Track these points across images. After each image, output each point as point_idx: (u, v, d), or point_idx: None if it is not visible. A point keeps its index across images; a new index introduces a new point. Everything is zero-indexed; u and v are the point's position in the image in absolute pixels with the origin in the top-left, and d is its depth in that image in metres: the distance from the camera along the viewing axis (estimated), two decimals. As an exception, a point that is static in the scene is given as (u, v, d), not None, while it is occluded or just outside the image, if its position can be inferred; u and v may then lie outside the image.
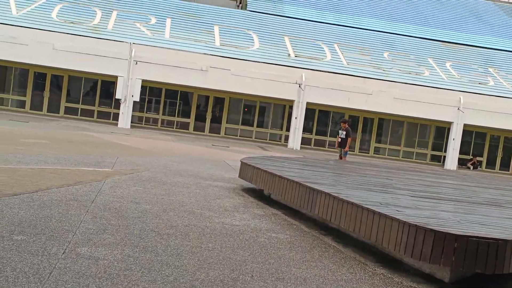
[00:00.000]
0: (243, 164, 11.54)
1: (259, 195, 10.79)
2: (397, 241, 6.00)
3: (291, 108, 29.58)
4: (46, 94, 29.61)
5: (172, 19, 31.51)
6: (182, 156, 16.42)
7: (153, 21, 30.90)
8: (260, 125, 31.69)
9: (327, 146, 31.69)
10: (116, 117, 28.74)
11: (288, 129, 30.21)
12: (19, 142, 14.38)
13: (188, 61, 27.65)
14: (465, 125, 29.85)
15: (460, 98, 29.33)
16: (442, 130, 32.40)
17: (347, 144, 18.49)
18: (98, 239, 5.82)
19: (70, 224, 6.31)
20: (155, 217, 7.30)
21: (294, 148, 28.47)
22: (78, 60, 26.92)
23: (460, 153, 30.74)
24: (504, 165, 32.98)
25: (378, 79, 29.46)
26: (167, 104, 31.13)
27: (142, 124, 30.43)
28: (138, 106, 29.92)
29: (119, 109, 28.01)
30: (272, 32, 32.56)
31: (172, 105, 31.26)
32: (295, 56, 30.25)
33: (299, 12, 36.60)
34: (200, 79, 27.85)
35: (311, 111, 30.87)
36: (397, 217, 6.11)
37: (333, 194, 7.50)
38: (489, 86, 31.55)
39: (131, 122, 28.26)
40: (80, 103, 30.10)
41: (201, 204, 8.83)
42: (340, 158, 19.01)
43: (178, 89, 30.47)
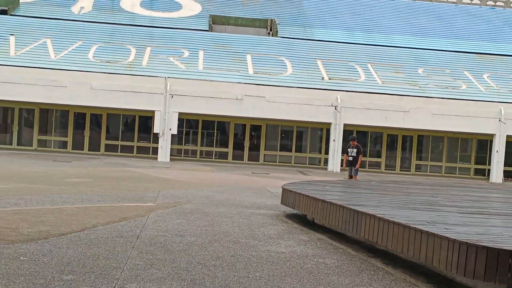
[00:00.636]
0: (284, 190, 11.50)
1: (302, 220, 10.71)
2: (448, 260, 5.85)
3: (328, 130, 29.48)
4: (87, 133, 30.22)
5: (205, 51, 31.93)
6: (223, 186, 16.47)
7: (186, 54, 31.37)
8: (299, 149, 31.62)
9: (367, 167, 31.37)
10: (155, 151, 29.09)
11: (326, 152, 30.06)
12: (63, 182, 14.66)
13: (223, 91, 27.90)
14: (508, 136, 29.20)
15: (500, 109, 28.77)
16: (484, 142, 31.78)
17: (358, 162, 18.04)
18: (146, 275, 5.84)
19: (117, 261, 6.35)
20: (200, 249, 7.30)
21: (334, 171, 28.28)
22: (116, 98, 27.45)
23: (505, 165, 30.02)
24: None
25: (414, 96, 29.16)
26: (204, 135, 31.40)
27: (181, 156, 30.71)
28: (176, 139, 30.24)
29: (157, 143, 28.35)
30: (304, 57, 32.66)
31: (209, 135, 31.51)
32: (329, 79, 30.23)
33: (330, 35, 36.67)
34: (235, 108, 28.04)
35: (349, 132, 30.67)
36: (446, 235, 5.97)
37: (378, 215, 7.39)
38: (530, 94, 30.92)
39: (171, 155, 28.55)
40: (120, 139, 30.61)
41: (246, 233, 8.80)
42: (350, 177, 18.20)
43: (215, 119, 30.72)
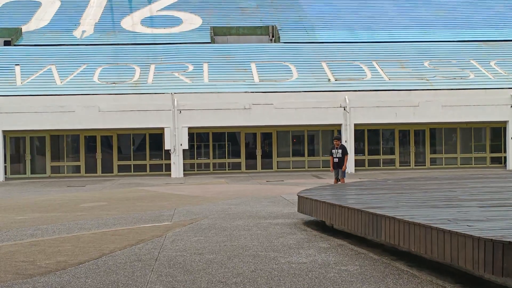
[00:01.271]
0: (300, 198, 11.37)
1: (321, 227, 10.58)
2: (474, 259, 5.70)
3: (339, 132, 29.30)
4: (98, 155, 30.26)
5: (209, 63, 31.91)
6: (238, 198, 16.36)
7: (190, 68, 31.36)
8: (311, 153, 31.46)
9: (381, 165, 31.15)
10: (168, 167, 29.06)
11: (339, 154, 29.85)
12: (79, 208, 14.62)
13: (230, 101, 27.84)
14: (521, 121, 28.88)
15: (511, 95, 28.47)
16: (498, 130, 31.44)
17: (344, 163, 16.67)
18: (167, 299, 5.75)
19: (137, 287, 6.26)
20: (220, 267, 7.19)
21: (349, 172, 28.04)
22: (124, 118, 27.47)
23: (521, 151, 29.68)
24: None
25: (422, 90, 28.93)
26: (216, 147, 31.34)
27: (194, 170, 30.65)
28: (188, 154, 30.20)
29: (170, 159, 28.32)
30: (309, 60, 32.54)
31: (221, 147, 31.45)
32: (335, 80, 30.09)
33: (332, 36, 36.52)
34: (244, 118, 27.96)
35: (359, 132, 30.51)
36: (470, 233, 5.82)
37: (398, 217, 7.25)
38: (539, 78, 30.56)
39: (184, 170, 28.50)
40: (132, 159, 30.62)
41: (265, 245, 8.69)
42: (338, 180, 16.71)
43: (225, 131, 30.66)
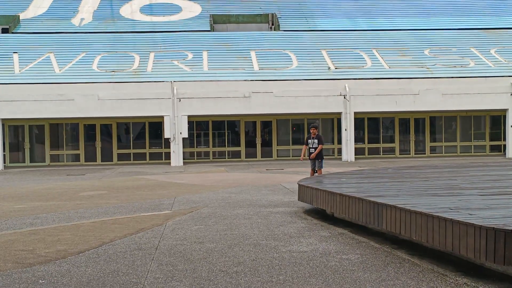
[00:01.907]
0: (301, 187, 11.34)
1: (322, 215, 10.55)
2: (476, 247, 5.68)
3: (339, 120, 29.25)
4: (98, 144, 30.21)
5: (208, 51, 31.78)
6: (238, 186, 16.34)
7: (190, 56, 31.24)
8: (311, 142, 31.36)
9: (381, 153, 31.13)
10: (167, 156, 29.03)
11: (339, 142, 29.84)
12: (78, 197, 14.59)
13: (230, 90, 27.75)
14: (521, 109, 28.83)
15: (511, 83, 28.39)
16: (497, 118, 31.40)
17: (316, 151, 15.26)
18: (168, 288, 5.72)
19: (138, 276, 6.24)
20: (221, 256, 7.17)
21: (349, 160, 28.05)
22: (123, 106, 27.39)
23: (521, 139, 29.65)
24: None
25: (423, 78, 28.85)
26: (215, 136, 31.28)
27: (194, 159, 30.61)
28: (188, 142, 30.15)
29: (169, 148, 28.28)
30: (308, 48, 32.41)
31: (220, 135, 31.39)
32: (336, 68, 29.98)
33: (332, 24, 36.36)
34: (244, 106, 27.89)
35: (360, 120, 30.45)
36: (471, 222, 5.80)
37: (399, 206, 7.22)
38: (540, 66, 30.47)
39: (183, 158, 28.46)
40: (131, 147, 30.58)
41: (265, 234, 8.67)
42: (314, 172, 15.42)
43: (224, 119, 30.59)
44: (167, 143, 28.68)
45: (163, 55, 31.33)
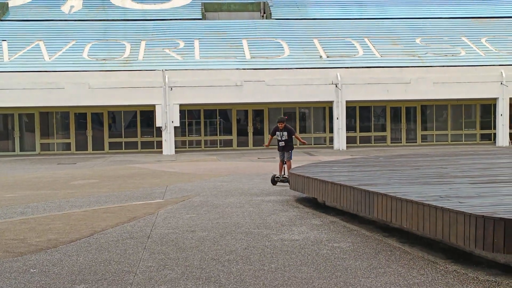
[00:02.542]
0: (292, 175, 11.37)
1: (313, 203, 10.59)
2: (466, 235, 5.73)
3: (331, 109, 29.26)
4: (89, 133, 30.08)
5: (200, 40, 31.65)
6: (230, 175, 16.35)
7: (181, 45, 31.11)
8: (303, 130, 31.42)
9: (373, 142, 31.20)
10: (159, 145, 28.97)
11: (331, 131, 29.86)
12: (69, 185, 14.56)
13: (222, 78, 27.69)
14: (511, 98, 28.89)
15: (501, 72, 28.46)
16: (488, 107, 31.52)
17: (298, 138, 14.87)
18: (160, 277, 5.74)
19: (130, 264, 6.25)
20: (213, 244, 7.19)
21: (341, 149, 28.11)
22: (115, 95, 27.26)
23: (511, 128, 29.76)
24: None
25: (414, 67, 28.88)
26: (207, 124, 31.23)
27: (186, 147, 30.57)
28: (179, 131, 30.08)
29: (161, 137, 28.22)
30: (300, 37, 32.34)
31: (212, 124, 31.34)
32: (327, 57, 29.95)
33: (324, 12, 36.28)
34: (236, 95, 27.83)
35: (351, 109, 30.47)
36: (461, 210, 5.84)
37: (390, 194, 7.26)
38: (530, 55, 30.56)
39: (175, 147, 28.40)
40: (123, 136, 30.47)
41: (257, 222, 8.69)
42: (283, 163, 14.29)
43: (216, 108, 30.53)
44: (159, 132, 28.62)
45: (154, 44, 31.18)
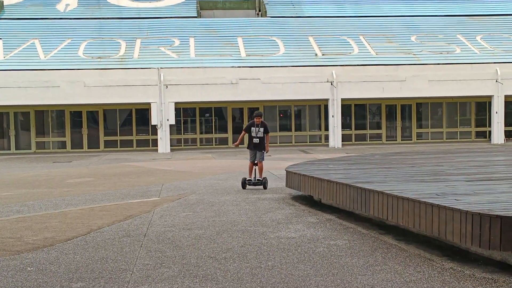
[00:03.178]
0: (288, 173, 11.39)
1: (309, 201, 10.61)
2: (462, 232, 5.75)
3: (326, 107, 29.29)
4: (84, 131, 30.02)
5: (195, 38, 31.62)
6: (225, 173, 16.35)
7: (176, 43, 31.07)
8: (298, 128, 31.45)
9: (368, 140, 31.25)
10: (155, 143, 28.94)
11: (326, 129, 29.89)
12: (65, 184, 14.54)
13: (217, 76, 27.67)
14: (506, 96, 28.98)
15: (496, 69, 28.54)
16: (483, 105, 31.60)
17: (266, 144, 12.90)
18: (157, 275, 5.74)
19: (127, 263, 6.25)
20: (209, 242, 7.20)
21: (336, 147, 28.14)
22: (110, 93, 27.21)
23: (506, 125, 29.85)
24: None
25: (409, 64, 28.92)
26: (203, 122, 31.21)
27: (181, 146, 30.54)
28: (175, 129, 30.05)
29: (156, 135, 28.19)
30: (296, 35, 32.35)
31: (207, 122, 31.32)
32: (323, 55, 29.97)
33: (319, 10, 36.28)
34: (231, 93, 27.83)
35: (347, 106, 30.50)
36: (457, 207, 5.87)
37: (386, 192, 7.28)
38: (525, 52, 30.63)
39: (170, 145, 28.38)
40: (118, 134, 30.41)
41: (253, 220, 8.70)
42: (255, 164, 12.89)
43: (212, 106, 30.50)
44: (154, 130, 28.59)
45: (149, 42, 31.13)
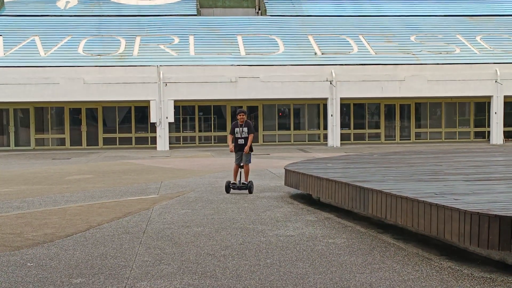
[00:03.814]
0: (287, 172, 11.41)
1: (308, 200, 10.63)
2: (460, 232, 5.78)
3: (325, 106, 29.33)
4: (84, 128, 30.04)
5: (195, 36, 31.63)
6: (224, 171, 16.36)
7: (176, 40, 31.08)
8: (297, 127, 31.50)
9: (367, 139, 31.29)
10: (153, 141, 28.97)
11: (325, 128, 29.93)
12: (65, 181, 14.55)
13: (216, 74, 27.69)
14: (505, 96, 29.02)
15: (496, 70, 28.59)
16: (482, 105, 31.65)
17: (248, 143, 11.53)
18: (156, 271, 5.76)
19: (126, 259, 6.27)
20: (208, 239, 7.22)
21: (335, 146, 28.18)
22: (109, 90, 27.23)
23: (505, 125, 29.89)
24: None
25: (408, 64, 28.96)
26: (201, 120, 31.25)
27: (180, 143, 30.57)
28: (174, 127, 30.09)
29: (155, 132, 28.21)
30: (295, 34, 32.37)
31: (206, 120, 31.35)
32: (322, 54, 30.00)
33: (319, 9, 36.30)
34: (230, 91, 27.84)
35: (345, 106, 30.56)
36: (456, 207, 5.89)
37: (385, 191, 7.30)
38: (524, 53, 30.67)
39: (169, 143, 28.40)
40: (117, 132, 30.45)
41: (252, 218, 8.73)
42: (240, 167, 11.64)
43: (211, 104, 30.55)
44: (153, 127, 28.61)
45: (149, 39, 31.14)
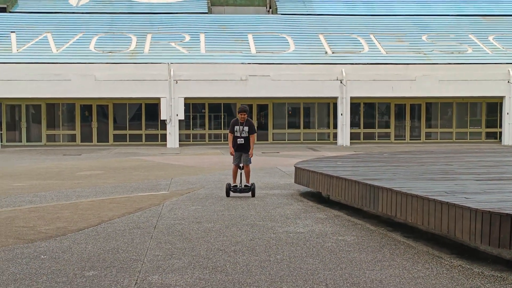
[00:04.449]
0: (297, 169, 11.43)
1: (318, 198, 10.65)
2: (471, 230, 5.78)
3: (335, 105, 29.30)
4: (94, 124, 30.20)
5: (206, 33, 31.69)
6: (234, 169, 16.38)
7: (187, 38, 31.16)
8: (307, 126, 31.49)
9: (376, 138, 31.24)
10: (163, 138, 29.06)
11: (335, 127, 29.90)
12: (76, 176, 14.65)
13: (227, 72, 27.74)
14: (517, 97, 28.88)
15: (508, 70, 28.43)
16: (494, 105, 31.50)
17: (251, 146, 10.86)
18: (167, 265, 5.81)
19: (137, 253, 6.32)
20: (218, 235, 7.26)
21: (344, 145, 28.16)
22: (120, 87, 27.34)
23: (516, 126, 29.75)
24: None
25: (420, 64, 28.87)
26: (211, 118, 31.31)
27: (190, 141, 30.66)
28: (184, 124, 30.17)
29: (165, 129, 28.31)
30: (306, 32, 32.35)
31: (216, 118, 31.42)
32: (332, 53, 29.97)
33: (330, 8, 36.27)
34: (240, 89, 27.88)
35: (356, 105, 30.50)
36: (467, 205, 5.89)
37: (395, 189, 7.31)
38: (537, 54, 30.49)
39: (179, 140, 28.48)
40: (127, 128, 30.58)
41: (262, 215, 8.76)
42: (239, 168, 10.98)
43: (221, 102, 30.60)
44: (163, 124, 28.71)
45: (160, 37, 31.23)
